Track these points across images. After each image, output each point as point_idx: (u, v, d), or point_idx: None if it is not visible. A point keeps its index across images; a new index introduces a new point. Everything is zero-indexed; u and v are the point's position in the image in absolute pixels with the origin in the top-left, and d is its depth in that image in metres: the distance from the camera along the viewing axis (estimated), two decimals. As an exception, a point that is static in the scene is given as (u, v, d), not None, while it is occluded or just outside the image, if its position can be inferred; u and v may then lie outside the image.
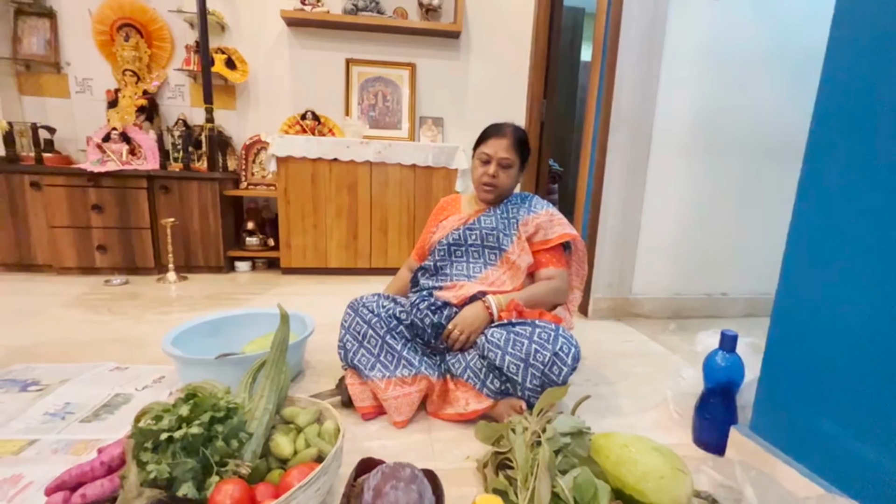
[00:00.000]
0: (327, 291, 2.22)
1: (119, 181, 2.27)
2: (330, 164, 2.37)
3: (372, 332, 1.09)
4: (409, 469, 0.68)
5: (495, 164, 1.17)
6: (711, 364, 0.97)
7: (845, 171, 0.71)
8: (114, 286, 2.18)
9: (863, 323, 0.68)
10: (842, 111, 0.72)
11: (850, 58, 0.71)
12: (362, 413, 1.06)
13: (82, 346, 1.45)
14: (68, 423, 1.01)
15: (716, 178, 1.89)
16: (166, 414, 0.65)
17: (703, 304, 1.97)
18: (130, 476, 0.51)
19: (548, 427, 0.78)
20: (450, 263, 1.21)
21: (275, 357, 0.84)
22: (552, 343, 0.97)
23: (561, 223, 1.21)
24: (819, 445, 0.74)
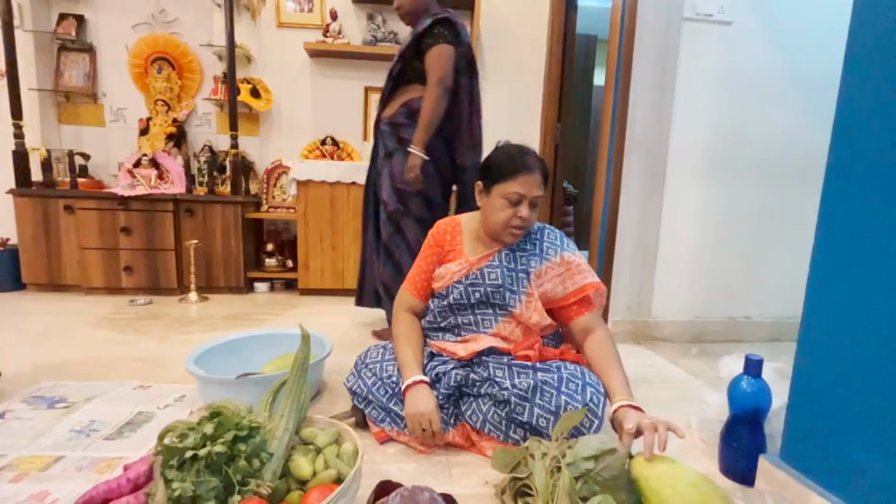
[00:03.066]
0: (344, 312, 2.24)
1: (147, 204, 2.37)
2: (348, 187, 2.43)
3: (373, 397, 1.05)
4: (427, 493, 0.68)
5: (528, 204, 1.01)
6: (737, 390, 0.94)
7: (867, 191, 0.71)
8: (138, 306, 2.24)
9: (894, 347, 0.66)
10: (860, 131, 0.72)
11: (867, 77, 0.72)
12: (377, 437, 1.05)
13: (107, 365, 1.48)
14: (93, 441, 1.03)
15: (733, 201, 1.88)
16: (191, 432, 0.66)
17: (726, 327, 1.92)
18: (158, 493, 0.52)
19: (568, 452, 0.76)
20: (454, 318, 1.11)
21: (295, 377, 0.85)
22: (581, 394, 0.93)
23: (579, 270, 1.08)
24: (853, 476, 0.71)
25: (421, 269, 1.16)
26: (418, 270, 1.16)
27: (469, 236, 1.14)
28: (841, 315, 0.74)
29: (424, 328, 1.16)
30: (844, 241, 0.74)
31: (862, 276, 0.71)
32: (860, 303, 0.71)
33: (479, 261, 1.09)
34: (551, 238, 1.12)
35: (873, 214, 0.70)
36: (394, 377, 1.06)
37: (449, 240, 1.15)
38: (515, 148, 1.05)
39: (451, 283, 1.09)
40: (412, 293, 1.16)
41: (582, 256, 1.11)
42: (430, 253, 1.15)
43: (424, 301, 1.17)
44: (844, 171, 0.75)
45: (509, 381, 0.96)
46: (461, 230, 1.15)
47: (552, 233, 1.13)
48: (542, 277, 1.07)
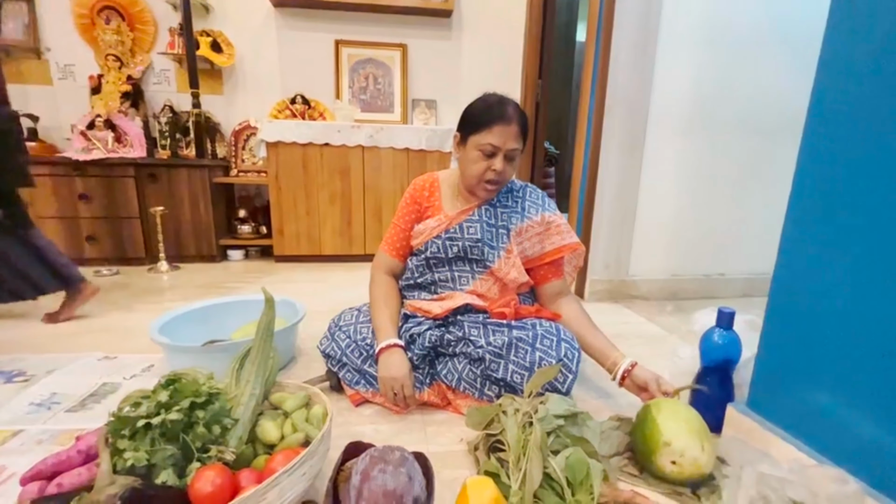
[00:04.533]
0: (322, 279, 2.19)
1: (105, 170, 2.23)
2: (321, 148, 2.33)
3: (347, 360, 1.03)
4: (398, 452, 0.66)
5: (503, 157, 0.96)
6: (708, 342, 0.95)
7: (844, 148, 0.69)
8: (104, 276, 2.15)
9: (861, 298, 0.66)
10: (841, 89, 0.69)
11: (850, 34, 0.68)
12: (352, 399, 1.04)
13: (70, 337, 1.42)
14: (54, 414, 0.99)
15: (714, 159, 1.86)
16: (145, 400, 0.63)
17: (701, 285, 1.96)
18: (102, 464, 0.49)
19: (540, 408, 0.76)
20: (431, 275, 1.08)
21: (260, 342, 0.82)
22: (556, 349, 0.92)
23: (558, 231, 1.07)
24: (817, 421, 0.73)
25: (399, 228, 1.11)
26: (396, 230, 1.12)
27: (448, 192, 1.10)
28: (811, 267, 0.74)
29: (401, 286, 1.13)
30: (818, 196, 0.73)
31: (833, 231, 0.70)
32: (830, 255, 0.70)
33: (459, 216, 1.05)
34: (533, 197, 1.09)
35: (847, 170, 0.68)
36: (368, 339, 1.03)
37: (427, 196, 1.10)
38: (495, 97, 0.99)
39: (429, 238, 1.06)
40: (390, 253, 1.12)
41: (563, 217, 1.10)
42: (407, 211, 1.11)
43: (403, 261, 1.13)
44: (821, 128, 0.73)
45: (484, 340, 0.95)
46: (439, 186, 1.11)
47: (535, 192, 1.11)
48: (521, 235, 1.05)
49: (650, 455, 0.76)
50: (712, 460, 0.74)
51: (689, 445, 0.72)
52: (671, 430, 0.74)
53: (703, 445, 0.73)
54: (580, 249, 1.08)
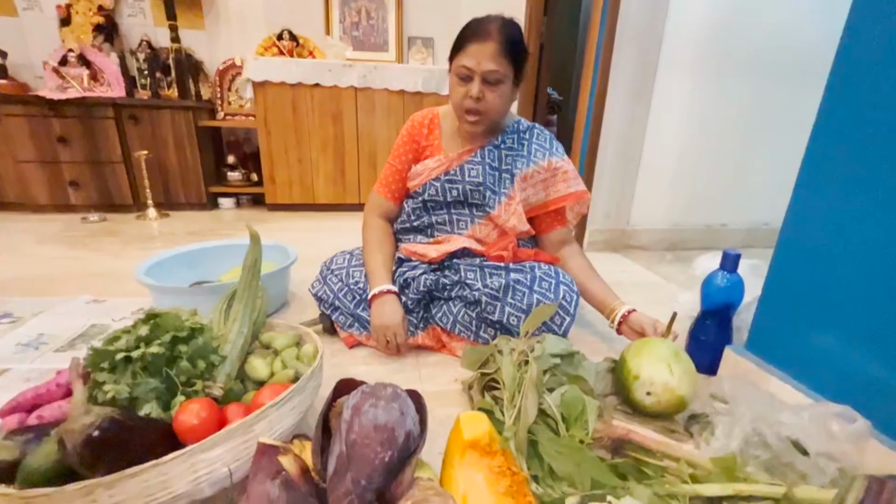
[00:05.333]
0: (316, 228, 2.14)
1: (83, 110, 2.10)
2: (311, 89, 2.20)
3: (340, 303, 1.00)
4: (390, 388, 0.65)
5: (479, 80, 0.86)
6: (710, 285, 0.92)
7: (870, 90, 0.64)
8: (91, 223, 2.09)
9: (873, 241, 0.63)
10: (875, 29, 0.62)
11: None
12: (346, 342, 1.03)
13: (58, 281, 1.39)
14: (42, 353, 0.97)
15: (725, 102, 1.76)
16: (125, 335, 0.60)
17: (702, 235, 1.92)
18: (76, 394, 0.47)
19: (536, 347, 0.74)
20: (428, 218, 1.03)
21: (247, 280, 0.78)
22: (554, 292, 0.90)
23: (565, 178, 1.00)
24: (819, 361, 0.71)
25: (394, 168, 1.04)
26: (391, 170, 1.05)
27: (448, 130, 1.02)
28: (827, 207, 0.70)
29: (396, 230, 1.09)
30: (840, 138, 0.69)
31: (852, 173, 0.67)
32: (847, 196, 0.67)
33: (460, 156, 0.99)
34: (541, 140, 1.01)
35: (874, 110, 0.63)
36: (361, 283, 1.00)
37: (426, 134, 1.02)
38: (486, 16, 0.88)
39: (427, 180, 1.00)
40: (384, 195, 1.06)
41: (570, 163, 1.03)
42: (404, 150, 1.03)
43: (398, 204, 1.08)
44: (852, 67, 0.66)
45: (481, 282, 0.92)
46: (439, 123, 1.03)
47: (542, 133, 1.02)
48: (526, 181, 0.99)
49: (628, 394, 0.76)
50: (689, 385, 0.74)
51: (656, 371, 0.72)
52: (637, 364, 0.75)
53: (672, 369, 0.72)
54: (586, 198, 1.03)
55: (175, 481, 0.49)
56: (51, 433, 0.50)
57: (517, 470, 0.57)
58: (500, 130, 1.00)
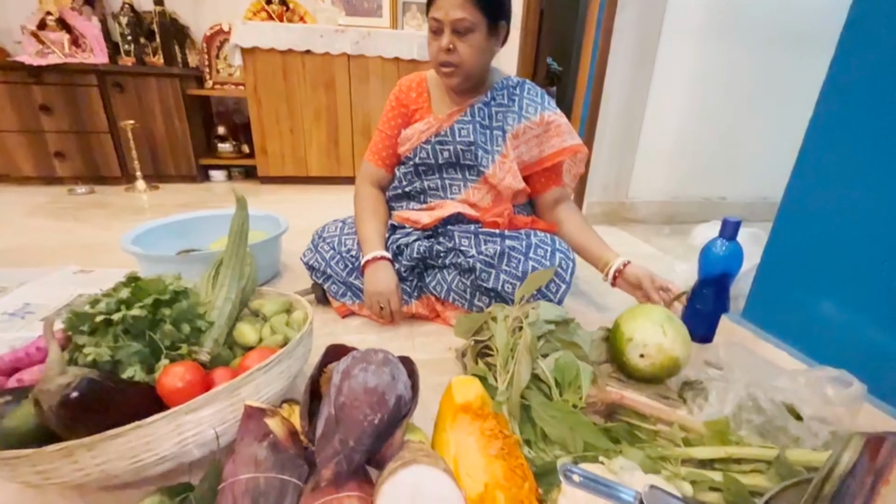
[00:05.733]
0: (309, 200, 2.11)
1: (65, 77, 2.03)
2: (302, 56, 2.12)
3: (332, 272, 0.98)
4: (381, 354, 0.63)
5: (449, 31, 0.83)
6: (708, 253, 0.90)
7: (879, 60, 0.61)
8: (78, 195, 2.04)
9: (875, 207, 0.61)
10: None
11: None
12: (339, 311, 1.01)
13: (46, 252, 1.36)
14: (28, 322, 0.95)
15: (729, 70, 1.71)
16: (105, 298, 0.58)
17: (701, 208, 1.90)
18: (51, 353, 0.45)
19: (531, 313, 0.73)
20: (420, 183, 1.01)
21: (234, 245, 0.76)
22: (550, 259, 0.88)
23: (558, 132, 0.96)
24: (815, 327, 0.71)
25: (384, 135, 1.02)
26: (381, 137, 1.02)
27: (437, 92, 0.99)
28: (831, 174, 0.69)
29: (388, 197, 1.06)
30: (847, 106, 0.67)
31: (858, 140, 0.65)
32: (852, 164, 0.65)
33: (450, 117, 0.96)
34: (532, 94, 0.97)
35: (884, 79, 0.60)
36: (353, 251, 0.98)
37: (415, 97, 0.99)
38: None
39: (417, 143, 0.97)
40: (375, 163, 1.04)
41: (564, 117, 0.98)
42: (393, 115, 1.00)
43: (390, 172, 1.05)
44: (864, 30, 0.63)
45: (475, 249, 0.90)
46: (427, 86, 1.00)
47: (533, 88, 0.99)
48: (518, 138, 0.96)
49: (621, 357, 0.76)
50: (682, 347, 0.73)
51: (649, 333, 0.72)
52: (631, 327, 0.74)
53: (665, 330, 0.72)
54: (582, 152, 0.99)
55: (160, 443, 0.48)
56: (29, 395, 0.49)
57: (509, 433, 0.56)
58: (488, 87, 0.97)
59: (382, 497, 0.43)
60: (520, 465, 0.52)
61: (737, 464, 0.59)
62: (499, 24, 0.87)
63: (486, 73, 0.95)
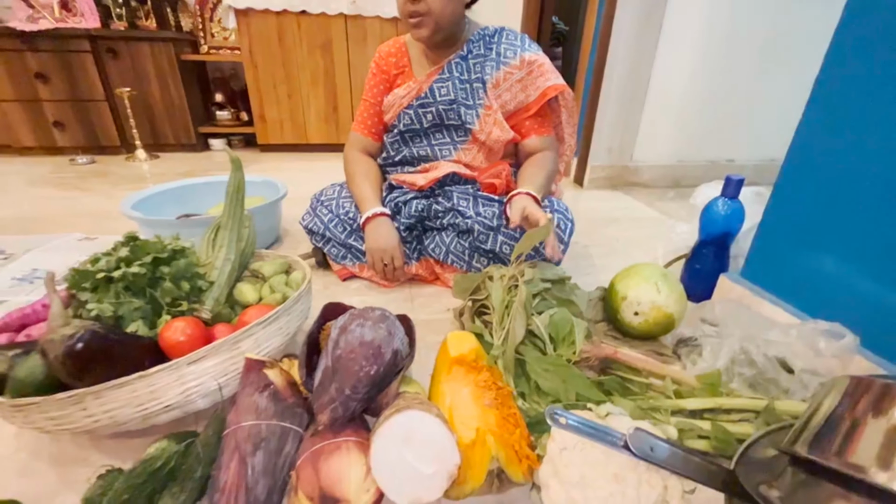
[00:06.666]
0: (309, 168, 2.09)
1: (58, 43, 1.98)
2: (298, 17, 2.05)
3: (331, 234, 0.98)
4: (378, 311, 0.64)
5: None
6: (710, 212, 0.90)
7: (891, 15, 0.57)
8: (80, 165, 2.04)
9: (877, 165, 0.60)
10: None
11: None
12: (339, 274, 1.02)
13: (49, 220, 1.38)
14: (36, 287, 0.98)
15: (739, 28, 1.63)
16: (104, 256, 0.59)
17: (707, 171, 1.86)
18: (53, 306, 0.47)
19: (527, 271, 0.73)
20: (409, 150, 0.99)
21: (232, 207, 0.76)
22: None
23: (542, 72, 0.90)
24: (812, 282, 0.70)
25: (368, 103, 1.00)
26: (365, 106, 1.01)
27: (416, 54, 0.96)
28: (836, 132, 0.66)
29: (379, 165, 1.05)
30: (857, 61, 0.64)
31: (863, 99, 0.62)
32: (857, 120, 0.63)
33: (428, 77, 0.93)
34: (510, 39, 0.93)
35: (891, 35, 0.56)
36: (351, 213, 0.98)
37: (395, 62, 0.97)
38: None
39: (400, 109, 0.95)
40: (362, 132, 1.03)
41: (546, 57, 0.93)
42: (375, 83, 0.98)
43: (377, 140, 1.04)
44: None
45: (473, 210, 0.90)
46: (406, 50, 0.97)
47: (511, 33, 0.94)
48: (500, 87, 0.91)
49: (616, 315, 0.76)
50: (677, 304, 0.74)
51: (643, 290, 0.72)
52: (625, 285, 0.75)
53: (659, 287, 0.72)
54: (568, 91, 0.94)
55: (164, 392, 0.50)
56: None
57: (502, 384, 0.58)
58: (464, 41, 0.93)
59: (378, 439, 0.45)
60: (512, 414, 0.54)
61: (726, 414, 0.60)
62: None
63: (460, 26, 0.90)
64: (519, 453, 0.48)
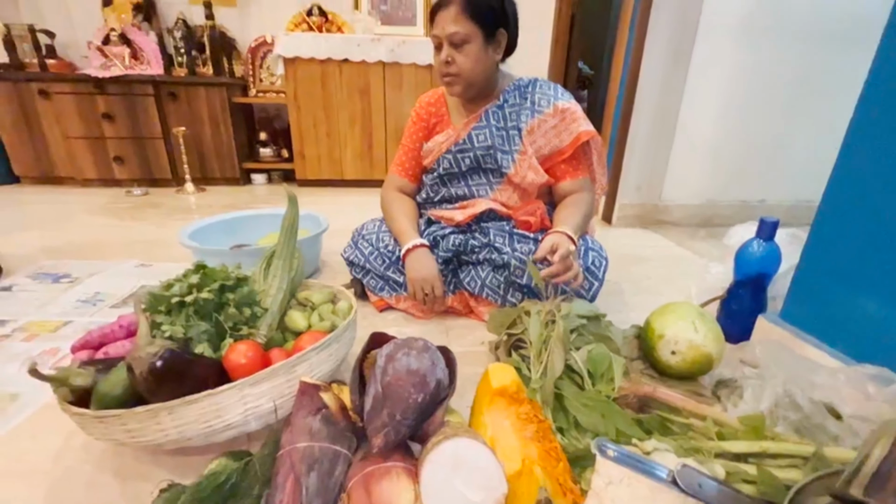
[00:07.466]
0: (344, 202, 2.19)
1: (125, 87, 2.20)
2: (340, 65, 2.21)
3: (371, 266, 1.04)
4: (421, 341, 0.67)
5: (447, 45, 0.89)
6: (745, 254, 0.90)
7: None
8: (135, 196, 2.20)
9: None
10: None
11: None
12: (376, 305, 1.06)
13: (108, 247, 1.49)
14: (99, 309, 1.05)
15: (768, 69, 1.67)
16: (177, 282, 0.65)
17: (738, 211, 1.86)
18: (141, 327, 0.52)
19: (563, 307, 0.75)
20: (447, 191, 1.05)
21: (285, 238, 0.82)
22: (583, 258, 0.91)
23: (574, 118, 0.96)
24: (856, 326, 0.70)
25: (406, 147, 1.09)
26: (404, 150, 1.09)
27: (454, 103, 1.04)
28: (875, 168, 0.67)
29: (418, 204, 1.11)
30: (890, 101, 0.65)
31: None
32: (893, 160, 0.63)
33: (466, 125, 1.00)
34: (543, 89, 0.99)
35: None
36: (390, 246, 1.03)
37: (434, 112, 1.05)
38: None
39: (440, 154, 1.03)
40: (399, 173, 1.11)
41: (577, 105, 0.99)
42: (414, 130, 1.07)
43: (413, 182, 1.11)
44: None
45: (509, 247, 0.93)
46: (444, 100, 1.06)
47: (545, 84, 1.00)
48: (534, 133, 0.97)
49: (652, 353, 0.76)
50: (714, 343, 0.73)
51: (680, 329, 0.72)
52: (661, 324, 0.75)
53: (696, 326, 0.72)
54: (598, 137, 0.99)
55: (228, 411, 0.54)
56: (118, 365, 0.56)
57: (543, 417, 0.59)
58: (499, 91, 0.99)
59: (427, 465, 0.47)
60: (553, 447, 0.55)
61: (772, 459, 0.59)
62: (497, 32, 0.90)
63: (492, 80, 0.97)
64: (563, 486, 0.49)
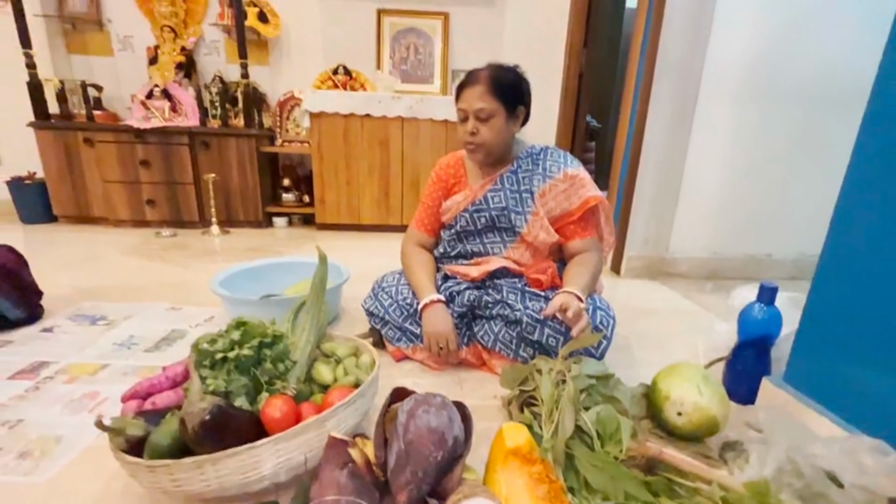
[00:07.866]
0: (361, 247, 2.28)
1: (163, 137, 2.37)
2: (362, 119, 2.37)
3: (389, 318, 1.10)
4: (439, 397, 0.72)
5: (472, 118, 0.99)
6: (747, 316, 0.95)
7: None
8: (164, 238, 2.32)
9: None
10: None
11: None
12: (394, 355, 1.11)
13: (139, 289, 1.57)
14: (134, 353, 1.12)
15: (770, 129, 1.76)
16: (220, 338, 0.71)
17: (745, 264, 1.90)
18: (194, 385, 0.58)
19: (573, 367, 0.80)
20: (463, 247, 1.14)
21: (315, 294, 0.89)
22: (591, 316, 0.96)
23: (583, 184, 1.04)
24: (857, 396, 0.73)
25: (426, 205, 1.17)
26: (423, 207, 1.18)
27: (472, 166, 1.14)
28: (867, 237, 0.72)
29: (435, 258, 1.18)
30: (879, 167, 0.70)
31: (892, 203, 0.68)
32: (888, 227, 0.68)
33: (482, 187, 1.09)
34: (554, 157, 1.08)
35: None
36: (408, 299, 1.09)
37: (453, 174, 1.15)
38: (480, 67, 1.01)
39: (457, 212, 1.11)
40: (418, 228, 1.18)
41: (585, 171, 1.08)
42: (434, 189, 1.16)
43: (432, 236, 1.19)
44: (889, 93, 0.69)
45: (521, 304, 0.99)
46: (463, 163, 1.15)
47: (555, 152, 1.10)
48: (546, 196, 1.05)
49: (660, 414, 0.79)
50: (719, 406, 0.76)
51: (686, 391, 0.76)
52: (667, 385, 0.79)
53: (700, 389, 0.75)
54: (606, 202, 1.07)
55: (263, 463, 0.58)
56: (166, 416, 0.61)
57: (554, 478, 0.63)
58: (513, 157, 1.09)
59: (448, 523, 0.50)
60: (565, 508, 0.58)
61: (777, 526, 0.61)
62: (517, 109, 1.01)
63: (509, 148, 1.07)
64: (574, 549, 0.52)
